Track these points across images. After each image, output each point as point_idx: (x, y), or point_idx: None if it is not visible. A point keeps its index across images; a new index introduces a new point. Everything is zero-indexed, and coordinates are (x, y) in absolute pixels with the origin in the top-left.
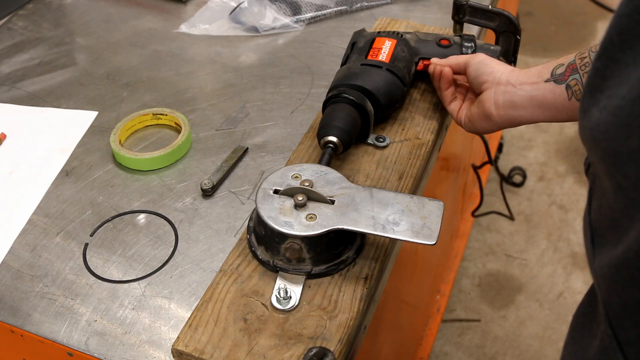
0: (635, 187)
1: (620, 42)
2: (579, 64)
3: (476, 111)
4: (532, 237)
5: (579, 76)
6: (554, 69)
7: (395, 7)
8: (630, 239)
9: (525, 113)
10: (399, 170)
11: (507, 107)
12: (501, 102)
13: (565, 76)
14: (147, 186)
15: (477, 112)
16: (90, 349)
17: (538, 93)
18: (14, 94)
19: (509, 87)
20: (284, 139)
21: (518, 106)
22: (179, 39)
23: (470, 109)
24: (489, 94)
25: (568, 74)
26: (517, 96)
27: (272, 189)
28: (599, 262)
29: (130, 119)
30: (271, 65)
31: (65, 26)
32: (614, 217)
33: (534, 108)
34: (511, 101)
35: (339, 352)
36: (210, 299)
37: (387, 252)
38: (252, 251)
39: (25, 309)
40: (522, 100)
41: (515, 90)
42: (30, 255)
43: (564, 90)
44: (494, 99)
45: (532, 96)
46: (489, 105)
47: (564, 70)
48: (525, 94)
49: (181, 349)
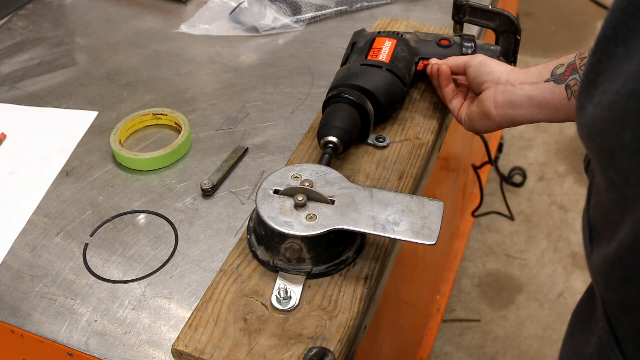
0: (626, 182)
1: (614, 37)
2: (578, 64)
3: (476, 110)
4: (532, 237)
5: (578, 76)
6: (554, 69)
7: (395, 7)
8: (623, 235)
9: (524, 112)
10: (399, 170)
11: (506, 107)
12: (500, 101)
13: (565, 76)
14: (147, 186)
15: (476, 111)
16: (90, 349)
17: (537, 93)
18: (14, 94)
19: (508, 87)
20: (284, 139)
21: (517, 105)
22: (179, 39)
23: (470, 107)
24: (488, 94)
25: (568, 74)
26: (516, 96)
27: (272, 189)
28: (596, 258)
29: (130, 119)
30: (271, 65)
31: (65, 26)
32: (606, 213)
33: (533, 107)
34: (510, 100)
35: (339, 352)
36: (210, 299)
37: (387, 252)
38: (252, 251)
39: (25, 309)
40: (521, 100)
41: (515, 90)
42: (30, 255)
43: (564, 90)
44: (493, 98)
45: (531, 96)
46: (488, 104)
47: (564, 71)
48: (525, 93)
49: (181, 349)
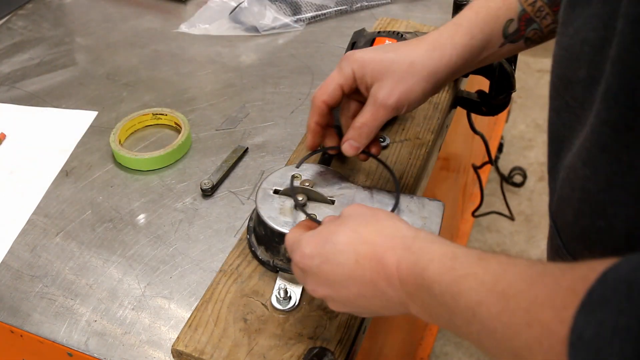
0: (581, 106)
1: None
2: (532, 12)
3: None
4: (533, 237)
5: (537, 25)
6: (504, 29)
7: (395, 7)
8: (574, 148)
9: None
10: (399, 170)
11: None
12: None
13: (522, 31)
14: (147, 186)
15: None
16: (90, 349)
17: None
18: (14, 94)
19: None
20: (284, 139)
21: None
22: (179, 38)
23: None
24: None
25: (523, 27)
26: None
27: (272, 189)
28: (552, 167)
29: (130, 119)
30: (271, 65)
31: (65, 26)
32: (560, 131)
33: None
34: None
35: (339, 352)
36: (210, 299)
37: None
38: (252, 251)
39: (25, 309)
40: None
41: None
42: (30, 256)
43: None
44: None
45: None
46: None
47: (518, 26)
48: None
49: (181, 349)
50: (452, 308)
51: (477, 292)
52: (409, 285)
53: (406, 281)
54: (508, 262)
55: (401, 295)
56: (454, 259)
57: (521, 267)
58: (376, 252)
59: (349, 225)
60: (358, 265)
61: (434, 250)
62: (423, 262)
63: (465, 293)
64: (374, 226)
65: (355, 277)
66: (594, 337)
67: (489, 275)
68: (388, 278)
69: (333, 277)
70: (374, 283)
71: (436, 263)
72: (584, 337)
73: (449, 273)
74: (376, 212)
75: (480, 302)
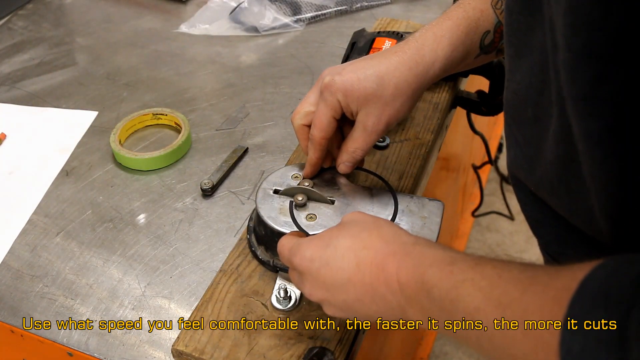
0: (528, 144)
1: (508, 42)
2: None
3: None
4: (532, 237)
5: None
6: (481, 41)
7: (395, 7)
8: (539, 172)
9: None
10: (399, 170)
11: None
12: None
13: (496, 43)
14: (147, 186)
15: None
16: (90, 349)
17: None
18: (14, 94)
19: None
20: (284, 139)
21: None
22: (179, 39)
23: None
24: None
25: (498, 38)
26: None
27: (272, 189)
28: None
29: (130, 119)
30: (271, 65)
31: (65, 26)
32: (522, 163)
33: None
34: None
35: (339, 352)
36: (210, 299)
37: None
38: (252, 251)
39: (25, 309)
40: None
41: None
42: (30, 255)
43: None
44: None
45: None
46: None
47: (493, 38)
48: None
49: (181, 349)
50: (451, 313)
51: (474, 298)
52: (408, 289)
53: (406, 286)
54: (502, 267)
55: (400, 299)
56: (453, 264)
57: (514, 272)
58: (377, 257)
59: (350, 231)
60: (358, 270)
61: (434, 255)
62: (423, 266)
63: (463, 299)
64: (375, 232)
65: (355, 281)
66: (580, 352)
67: (485, 281)
68: (388, 283)
69: (332, 281)
70: (374, 288)
71: (435, 268)
72: (572, 352)
73: (448, 278)
74: (377, 220)
75: (478, 309)
